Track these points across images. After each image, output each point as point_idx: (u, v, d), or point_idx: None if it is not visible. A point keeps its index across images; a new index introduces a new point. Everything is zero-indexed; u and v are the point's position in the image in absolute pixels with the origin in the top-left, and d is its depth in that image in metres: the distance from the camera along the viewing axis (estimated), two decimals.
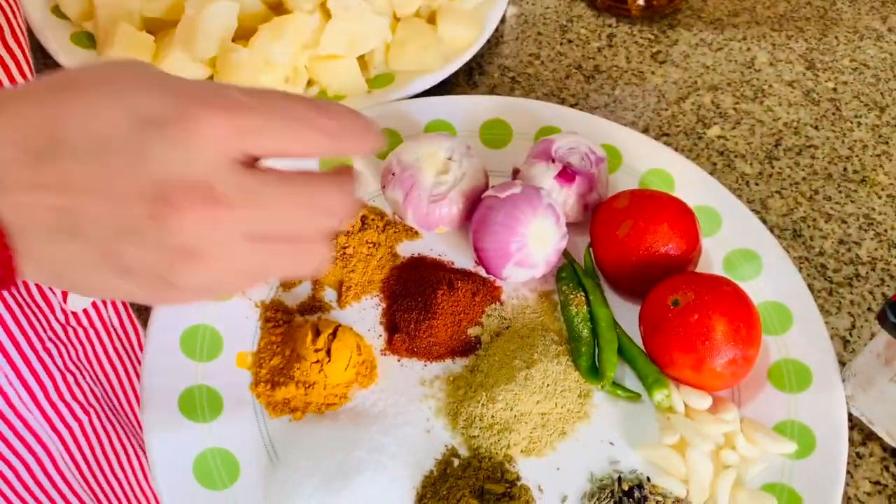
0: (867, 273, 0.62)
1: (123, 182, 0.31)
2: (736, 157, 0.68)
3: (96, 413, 0.68)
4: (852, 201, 0.66)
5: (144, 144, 0.31)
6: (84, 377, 0.66)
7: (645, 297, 0.53)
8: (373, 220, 0.59)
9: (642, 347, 0.54)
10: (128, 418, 0.75)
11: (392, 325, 0.55)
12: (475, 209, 0.56)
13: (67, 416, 0.64)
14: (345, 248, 0.57)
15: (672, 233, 0.54)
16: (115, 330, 0.68)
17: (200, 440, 0.48)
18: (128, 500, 0.79)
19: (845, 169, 0.68)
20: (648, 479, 0.50)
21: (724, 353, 0.49)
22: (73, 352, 0.64)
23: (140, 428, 0.76)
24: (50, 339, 0.59)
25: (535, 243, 0.54)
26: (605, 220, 0.56)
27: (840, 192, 0.67)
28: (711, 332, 0.49)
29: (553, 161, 0.58)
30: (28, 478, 0.64)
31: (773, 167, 0.68)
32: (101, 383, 0.70)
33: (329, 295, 0.57)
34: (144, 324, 0.51)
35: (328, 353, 0.51)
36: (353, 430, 0.50)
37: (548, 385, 0.52)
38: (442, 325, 0.55)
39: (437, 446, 0.50)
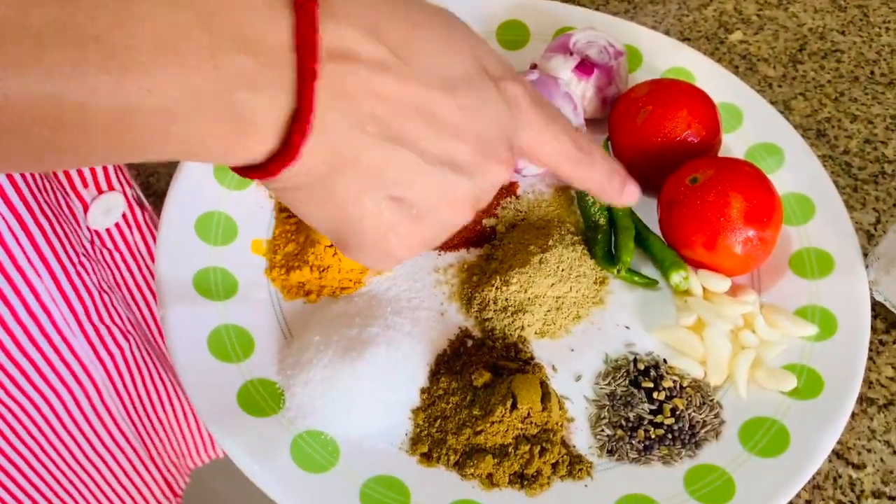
0: (894, 171, 0.60)
1: (463, 115, 0.32)
2: (759, 60, 0.67)
3: (136, 341, 0.68)
4: (879, 103, 0.64)
5: (487, 91, 0.33)
6: (118, 301, 0.66)
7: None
8: None
9: (660, 236, 0.53)
10: (160, 351, 0.75)
11: None
12: None
13: (109, 342, 0.64)
14: None
15: (691, 119, 0.53)
16: (140, 255, 0.68)
17: (215, 316, 0.48)
18: (168, 437, 0.80)
19: (872, 72, 0.66)
20: (665, 360, 0.49)
21: (739, 232, 0.48)
22: (104, 273, 0.64)
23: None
24: (83, 254, 0.59)
25: None
26: (624, 109, 0.55)
27: (867, 94, 0.65)
28: (727, 208, 0.48)
29: (571, 54, 0.57)
30: (75, 409, 0.64)
31: (797, 70, 0.66)
32: (132, 310, 0.70)
33: None
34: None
35: None
36: (368, 309, 0.50)
37: (562, 269, 0.51)
38: None
39: (450, 328, 0.50)
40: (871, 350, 0.51)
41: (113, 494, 0.73)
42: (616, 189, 0.38)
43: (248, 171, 0.31)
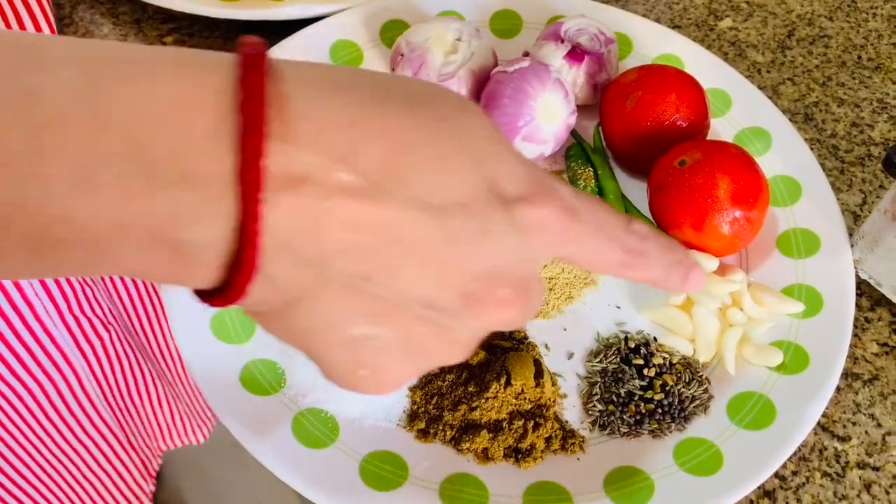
0: (880, 153, 0.61)
1: (452, 251, 0.27)
2: (748, 47, 0.68)
3: (116, 332, 0.70)
4: (866, 87, 0.66)
5: (489, 221, 0.27)
6: (101, 293, 0.67)
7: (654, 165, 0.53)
8: None
9: (650, 218, 0.54)
10: (141, 341, 0.77)
11: None
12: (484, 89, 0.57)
13: (89, 332, 0.66)
14: None
15: (679, 104, 0.54)
16: None
17: None
18: (143, 422, 0.82)
19: (860, 57, 0.68)
20: (655, 338, 0.50)
21: (726, 213, 0.49)
22: None
23: (153, 351, 0.79)
24: None
25: (543, 117, 0.55)
26: (614, 94, 0.56)
27: (854, 78, 0.66)
28: (715, 189, 0.49)
29: (562, 41, 0.58)
30: (56, 396, 0.66)
31: (785, 56, 0.68)
32: (114, 302, 0.71)
33: None
34: None
35: None
36: None
37: None
38: None
39: None
40: (856, 327, 0.53)
41: (93, 476, 0.75)
42: (675, 282, 0.34)
43: (202, 295, 0.27)
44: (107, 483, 0.78)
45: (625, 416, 0.47)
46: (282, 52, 0.61)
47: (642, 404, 0.47)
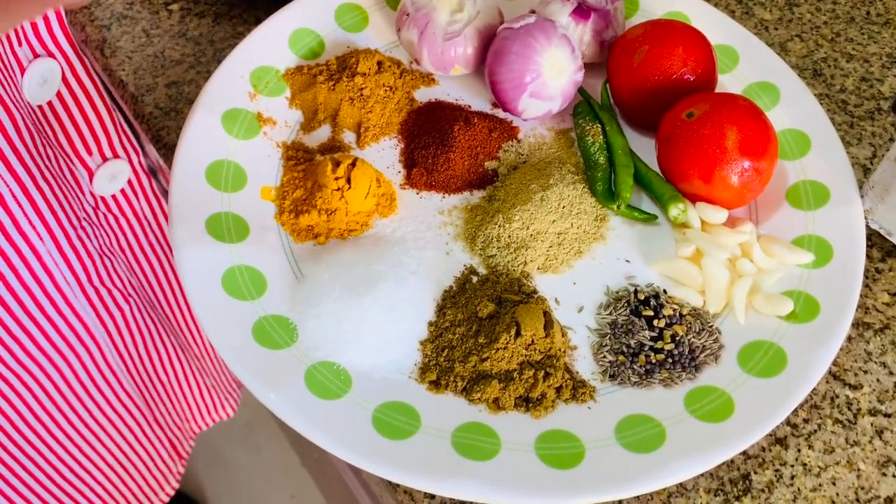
0: (889, 107, 0.61)
1: None
2: (755, 4, 0.68)
3: (136, 304, 0.70)
4: (875, 42, 0.65)
5: None
6: (120, 265, 0.67)
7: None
8: (389, 66, 0.60)
9: (658, 172, 0.54)
10: (164, 315, 0.77)
11: (410, 161, 0.57)
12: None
13: (110, 303, 0.66)
14: (361, 89, 0.58)
15: (687, 57, 0.54)
16: (146, 221, 0.70)
17: (228, 258, 0.50)
18: (171, 399, 0.82)
19: (868, 13, 0.67)
20: (665, 291, 0.50)
21: (735, 163, 0.49)
22: (106, 238, 0.66)
23: (178, 325, 0.79)
24: (85, 218, 0.61)
25: (550, 73, 0.55)
26: (621, 49, 0.56)
27: (863, 33, 0.66)
28: (723, 140, 0.49)
29: None
30: (80, 367, 0.66)
31: (793, 13, 0.67)
32: (136, 275, 0.72)
33: (348, 137, 0.58)
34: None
35: (348, 181, 0.52)
36: (375, 249, 0.51)
37: (563, 206, 0.52)
38: (459, 159, 0.55)
39: (455, 266, 0.52)
40: (867, 277, 0.53)
41: (121, 455, 0.75)
42: None
43: None
44: (133, 459, 0.78)
45: (635, 367, 0.47)
46: (288, 16, 0.61)
47: (653, 354, 0.47)
